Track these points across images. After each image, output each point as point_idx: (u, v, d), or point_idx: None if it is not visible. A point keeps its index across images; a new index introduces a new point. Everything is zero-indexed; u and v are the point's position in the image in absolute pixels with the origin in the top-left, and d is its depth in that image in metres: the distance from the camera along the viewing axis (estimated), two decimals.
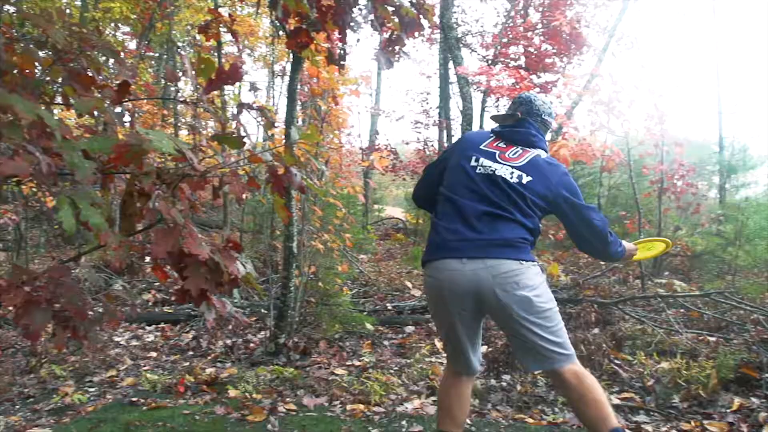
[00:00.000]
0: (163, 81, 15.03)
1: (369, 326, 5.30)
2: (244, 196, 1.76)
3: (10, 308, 2.12)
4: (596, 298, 5.62)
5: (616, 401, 3.53)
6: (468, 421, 3.34)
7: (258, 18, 16.10)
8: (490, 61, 11.17)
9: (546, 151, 2.60)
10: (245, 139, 1.80)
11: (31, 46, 2.06)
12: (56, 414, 3.73)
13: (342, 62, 3.35)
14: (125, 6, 12.73)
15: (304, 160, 1.80)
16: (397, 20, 2.98)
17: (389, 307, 6.31)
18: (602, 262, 2.72)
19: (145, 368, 4.68)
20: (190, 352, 5.15)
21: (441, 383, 2.69)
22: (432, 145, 12.51)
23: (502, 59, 11.16)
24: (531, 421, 3.36)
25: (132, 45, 14.90)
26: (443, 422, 2.56)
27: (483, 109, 11.91)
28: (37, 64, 2.08)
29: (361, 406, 3.56)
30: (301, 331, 5.21)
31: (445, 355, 3.03)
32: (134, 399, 3.86)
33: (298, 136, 1.77)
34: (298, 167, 1.77)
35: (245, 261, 1.99)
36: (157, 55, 16.51)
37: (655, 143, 7.22)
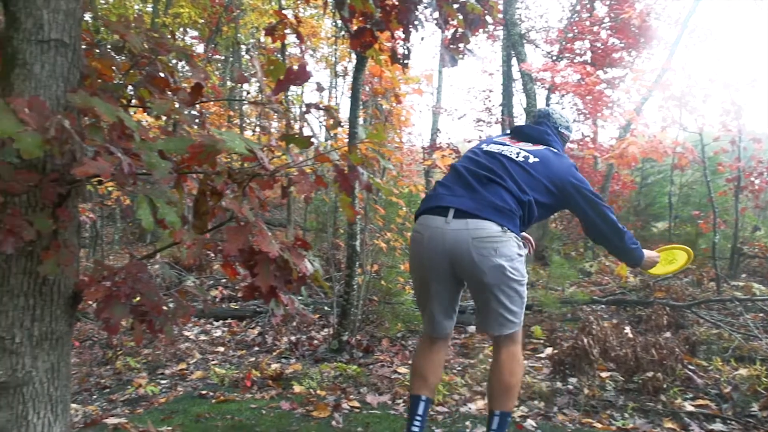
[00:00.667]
0: (229, 83, 15.44)
1: None
2: (311, 195, 1.78)
3: (90, 302, 2.23)
4: (668, 301, 5.43)
5: (690, 408, 3.40)
6: (533, 423, 3.28)
7: (320, 19, 16.32)
8: (554, 57, 10.94)
9: (559, 153, 2.69)
10: (312, 139, 1.83)
11: (109, 51, 2.15)
12: (131, 404, 3.89)
13: (406, 61, 3.35)
14: (193, 11, 13.15)
15: (371, 160, 1.81)
16: (461, 17, 2.96)
17: None
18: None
19: (213, 362, 4.82)
20: (256, 348, 5.27)
21: (417, 348, 2.82)
22: None
23: (567, 55, 10.91)
24: (599, 426, 3.27)
25: (200, 49, 15.38)
26: (417, 386, 2.66)
27: (547, 106, 11.67)
28: (114, 68, 2.18)
29: None
30: (364, 329, 5.25)
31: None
32: (203, 392, 3.98)
33: (365, 135, 1.78)
34: (365, 166, 1.78)
35: (313, 259, 2.03)
36: (222, 57, 16.97)
37: (731, 139, 6.91)
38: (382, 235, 5.35)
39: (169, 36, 1.99)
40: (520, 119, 11.06)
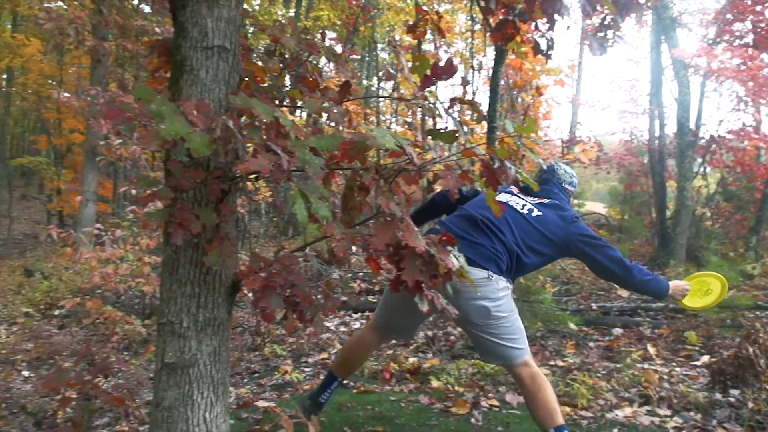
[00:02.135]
0: (365, 81, 15.83)
1: (572, 326, 5.08)
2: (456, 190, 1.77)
3: (245, 291, 2.37)
4: None
5: None
6: None
7: (454, 14, 16.26)
8: (710, 41, 10.08)
9: (563, 207, 2.82)
10: (457, 134, 1.81)
11: (263, 54, 2.27)
12: (278, 389, 4.10)
13: (549, 52, 3.23)
14: (332, 13, 13.61)
15: (519, 154, 1.76)
16: (611, 2, 2.81)
17: (594, 307, 6.00)
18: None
19: None
20: (393, 341, 5.36)
21: (357, 336, 3.06)
22: (641, 135, 11.64)
23: (725, 38, 10.01)
24: None
25: (338, 49, 15.90)
26: (342, 371, 3.00)
27: (702, 95, 10.79)
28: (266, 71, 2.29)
29: (567, 409, 3.42)
30: None
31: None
32: (345, 381, 4.10)
33: (513, 128, 1.74)
34: (512, 161, 1.74)
35: (458, 255, 2.08)
36: (359, 57, 17.44)
37: None
38: None
39: (320, 37, 2.07)
40: (670, 109, 10.32)
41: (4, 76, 21.22)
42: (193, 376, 1.91)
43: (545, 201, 2.81)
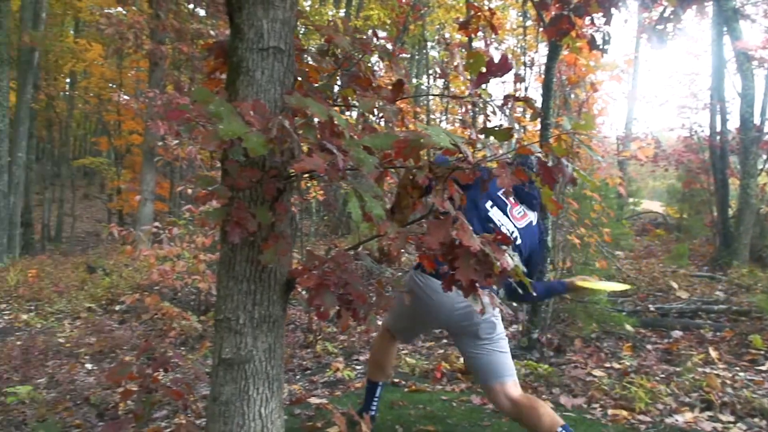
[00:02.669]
0: (415, 80, 15.80)
1: (629, 327, 4.95)
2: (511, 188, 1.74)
3: (299, 289, 2.39)
4: None
5: None
6: None
7: (505, 10, 16.08)
8: None
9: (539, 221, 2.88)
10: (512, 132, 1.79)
11: (316, 54, 2.29)
12: (329, 386, 4.14)
13: (605, 47, 3.16)
14: (383, 12, 13.65)
15: (577, 152, 1.72)
16: None
17: (651, 309, 5.84)
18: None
19: (403, 352, 4.96)
20: (444, 340, 5.33)
21: (377, 345, 3.12)
22: (701, 131, 11.23)
23: None
24: None
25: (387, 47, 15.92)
26: (377, 375, 3.11)
27: (767, 88, 10.33)
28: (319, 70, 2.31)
29: (624, 413, 3.33)
30: (555, 327, 5.07)
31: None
32: (395, 380, 4.11)
33: (570, 125, 1.70)
34: (569, 158, 1.70)
35: (513, 254, 2.05)
36: (408, 55, 17.42)
37: None
38: (576, 230, 5.12)
39: (373, 36, 2.07)
40: (732, 103, 9.92)
41: (68, 81, 22.11)
42: (249, 372, 1.94)
43: (526, 220, 2.80)
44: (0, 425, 3.47)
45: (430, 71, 18.04)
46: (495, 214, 2.72)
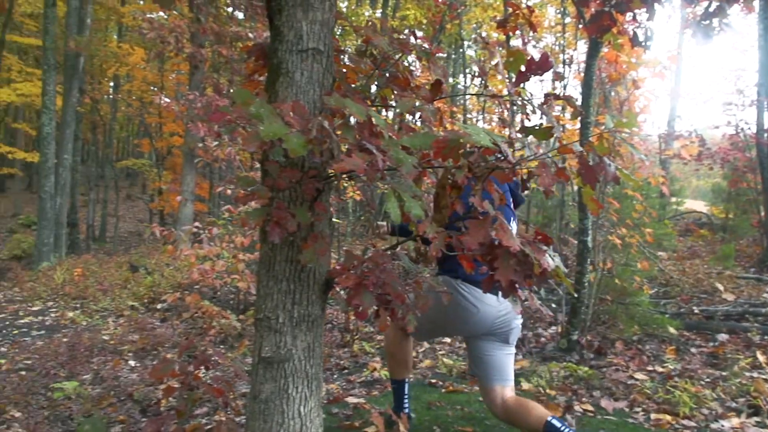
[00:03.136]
0: (451, 79, 15.73)
1: (672, 330, 4.84)
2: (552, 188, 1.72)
3: (337, 288, 2.40)
4: None
5: None
6: None
7: (543, 8, 15.88)
8: None
9: None
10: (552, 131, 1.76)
11: (354, 55, 2.30)
12: (367, 386, 4.15)
13: (648, 43, 3.09)
14: (419, 12, 13.63)
15: (618, 150, 1.69)
16: None
17: (696, 311, 5.69)
18: None
19: (440, 352, 4.95)
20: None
21: (392, 342, 3.05)
22: (748, 128, 10.88)
23: None
24: None
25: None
26: (400, 372, 3.08)
27: None
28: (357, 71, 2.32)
29: (668, 417, 3.26)
30: (595, 329, 4.99)
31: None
32: (433, 381, 4.10)
33: (612, 123, 1.67)
34: (612, 157, 1.67)
35: (553, 254, 2.01)
36: (445, 55, 17.36)
37: None
38: (616, 231, 5.02)
39: (411, 35, 2.07)
40: None
41: (111, 84, 22.67)
42: (289, 371, 1.96)
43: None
44: (47, 420, 3.58)
45: (467, 70, 17.95)
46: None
